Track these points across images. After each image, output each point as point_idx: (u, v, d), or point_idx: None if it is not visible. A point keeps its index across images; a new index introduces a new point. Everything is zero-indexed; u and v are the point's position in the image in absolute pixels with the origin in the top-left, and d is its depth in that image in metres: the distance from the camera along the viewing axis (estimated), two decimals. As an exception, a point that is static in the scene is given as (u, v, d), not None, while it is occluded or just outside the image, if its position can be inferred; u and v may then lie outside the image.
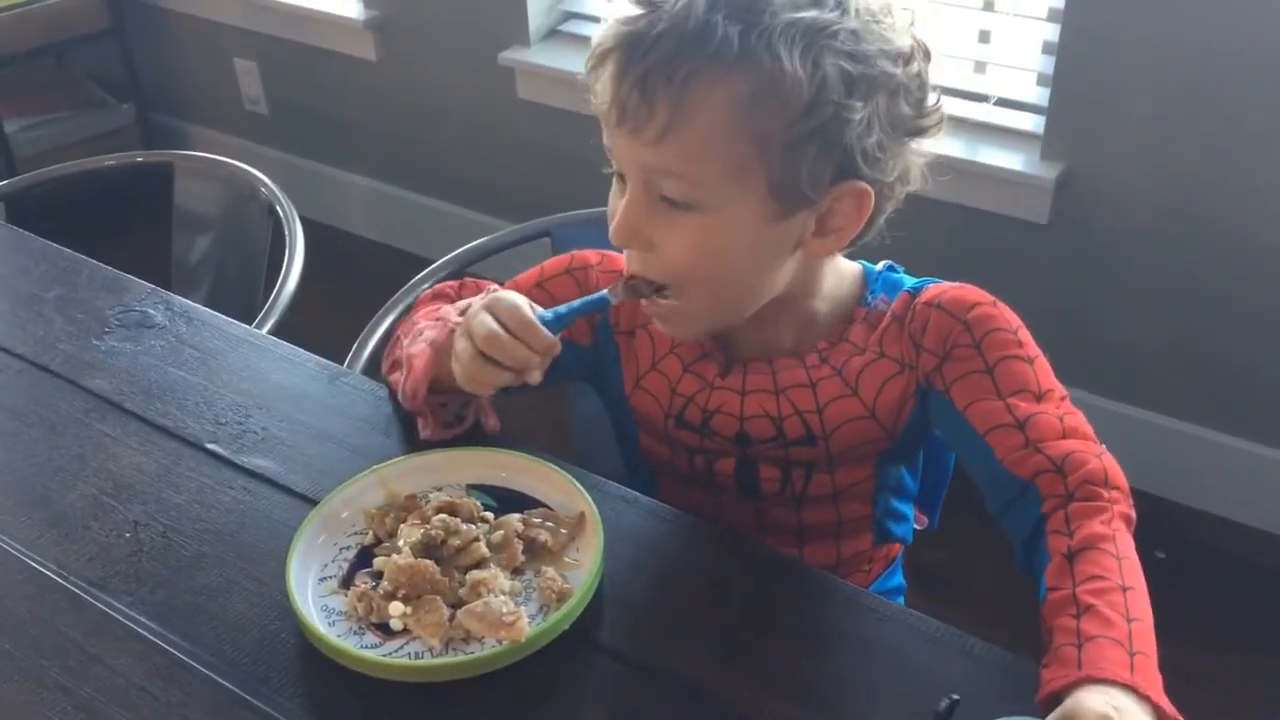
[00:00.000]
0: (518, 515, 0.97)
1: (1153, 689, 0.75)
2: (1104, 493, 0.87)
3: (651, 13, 0.89)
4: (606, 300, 1.01)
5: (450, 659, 0.86)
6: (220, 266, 1.70)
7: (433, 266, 1.45)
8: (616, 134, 0.93)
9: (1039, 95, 2.06)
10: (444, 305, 1.12)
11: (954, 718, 0.80)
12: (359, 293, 1.68)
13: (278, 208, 1.58)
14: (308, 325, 1.48)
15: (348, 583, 0.93)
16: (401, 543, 0.94)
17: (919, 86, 0.95)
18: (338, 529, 0.98)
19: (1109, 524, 0.85)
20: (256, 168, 1.67)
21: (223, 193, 1.69)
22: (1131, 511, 0.88)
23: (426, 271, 1.44)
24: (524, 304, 0.98)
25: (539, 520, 0.97)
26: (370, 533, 0.98)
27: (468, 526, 0.95)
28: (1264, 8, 1.76)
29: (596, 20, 2.49)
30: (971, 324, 0.98)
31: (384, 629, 0.89)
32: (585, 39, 2.50)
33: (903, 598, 1.20)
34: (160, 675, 0.88)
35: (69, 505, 1.04)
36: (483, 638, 0.87)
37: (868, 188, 0.93)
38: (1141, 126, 1.95)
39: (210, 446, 1.10)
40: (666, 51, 0.87)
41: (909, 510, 1.16)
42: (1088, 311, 2.13)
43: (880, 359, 1.01)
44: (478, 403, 1.08)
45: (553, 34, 2.57)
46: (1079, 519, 0.86)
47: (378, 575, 0.93)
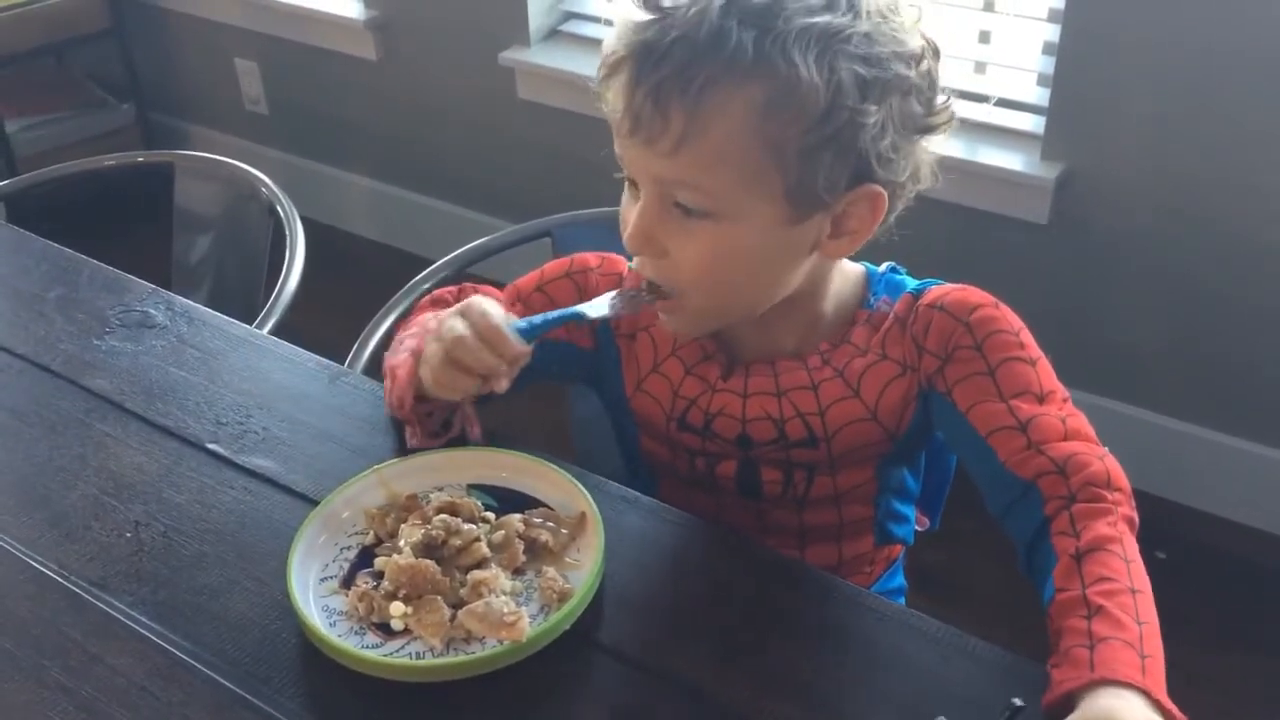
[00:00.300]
0: (519, 515, 0.97)
1: (1162, 694, 0.75)
2: (1107, 495, 0.87)
3: (663, 19, 0.88)
4: (582, 314, 1.01)
5: (451, 659, 0.86)
6: (221, 266, 1.70)
7: (433, 267, 1.45)
8: (629, 144, 0.91)
9: (1039, 95, 2.06)
10: (425, 315, 1.12)
11: None
12: (359, 293, 1.69)
13: (278, 208, 1.59)
14: (308, 325, 1.48)
15: (349, 583, 0.93)
16: (402, 543, 0.94)
17: (929, 85, 0.95)
18: (339, 529, 0.98)
19: (1114, 526, 0.85)
20: (257, 168, 1.67)
21: (223, 193, 1.69)
22: (1134, 514, 0.88)
23: (427, 272, 1.44)
24: (495, 310, 0.98)
25: (540, 520, 0.97)
26: (371, 533, 0.98)
27: (469, 526, 0.95)
28: (1264, 8, 1.77)
29: (597, 20, 2.50)
30: (973, 326, 0.97)
31: (385, 629, 0.89)
32: (585, 39, 2.51)
33: (904, 599, 1.20)
34: (161, 675, 0.88)
35: (70, 505, 1.04)
36: (484, 638, 0.87)
37: (882, 190, 0.93)
38: (1141, 126, 1.95)
39: (211, 446, 1.10)
40: (680, 60, 0.86)
41: (910, 512, 1.16)
42: (1088, 312, 2.13)
43: (882, 361, 1.01)
44: (462, 411, 1.07)
45: (553, 34, 2.57)
46: (1084, 520, 0.86)
47: (379, 575, 0.93)
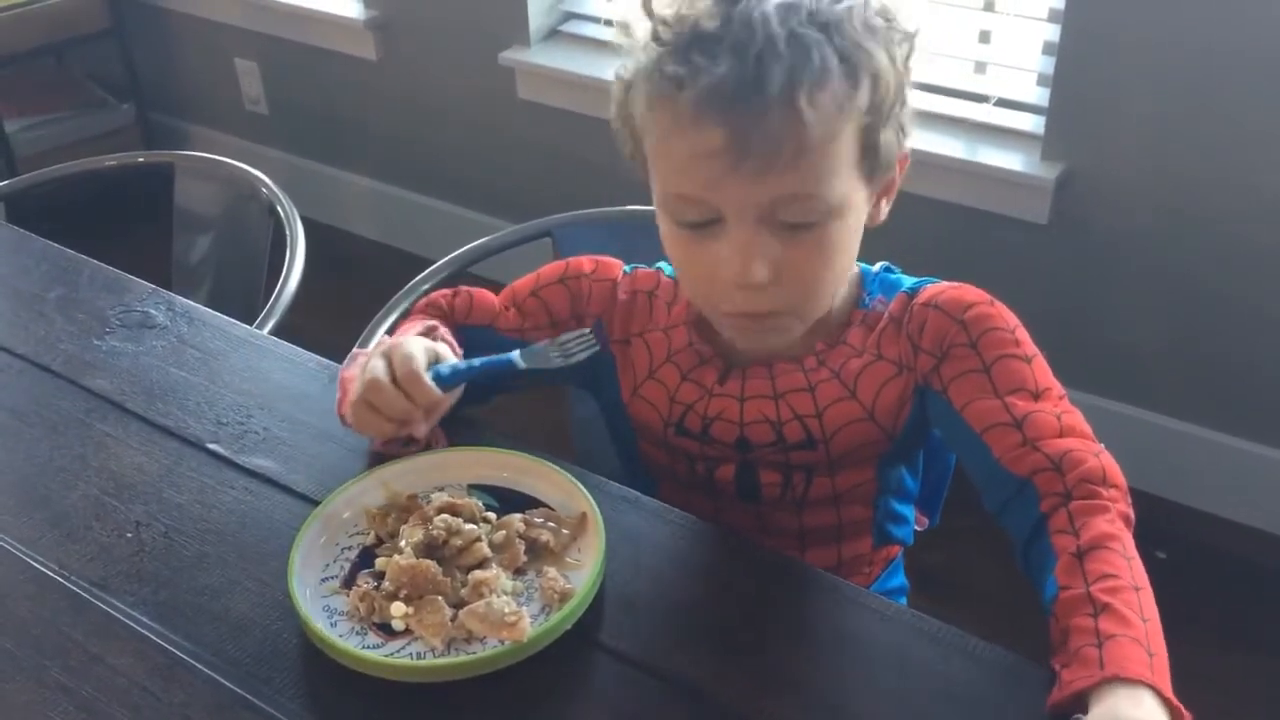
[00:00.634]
0: (519, 515, 0.97)
1: (1170, 691, 0.75)
2: (1103, 491, 0.87)
3: (715, 45, 0.86)
4: (514, 363, 1.02)
5: (452, 659, 0.86)
6: (221, 267, 1.70)
7: (433, 267, 1.45)
8: (728, 179, 0.88)
9: (1039, 95, 2.06)
10: (419, 321, 1.12)
11: None
12: (360, 293, 1.69)
13: (278, 208, 1.59)
14: (308, 325, 1.48)
15: (349, 583, 0.93)
16: (403, 543, 0.94)
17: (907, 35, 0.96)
18: (339, 529, 0.98)
19: (1113, 523, 0.85)
20: (257, 168, 1.67)
21: (223, 193, 1.69)
22: (1130, 511, 0.88)
23: (427, 272, 1.44)
24: (419, 355, 0.98)
25: (541, 520, 0.97)
26: (372, 533, 0.98)
27: (469, 527, 0.95)
28: (1264, 8, 1.77)
29: (596, 20, 2.50)
30: (968, 323, 0.98)
31: (386, 629, 0.89)
32: (585, 39, 2.51)
33: (905, 598, 1.20)
34: (162, 675, 0.88)
35: (70, 505, 1.04)
36: (484, 638, 0.87)
37: (908, 149, 0.97)
38: (1141, 126, 1.95)
39: (211, 446, 1.10)
40: (779, 80, 0.85)
41: (909, 512, 1.16)
42: (1088, 311, 2.13)
43: (878, 361, 1.01)
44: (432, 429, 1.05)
45: (553, 34, 2.57)
46: (1083, 517, 0.86)
47: (379, 575, 0.93)
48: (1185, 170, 1.94)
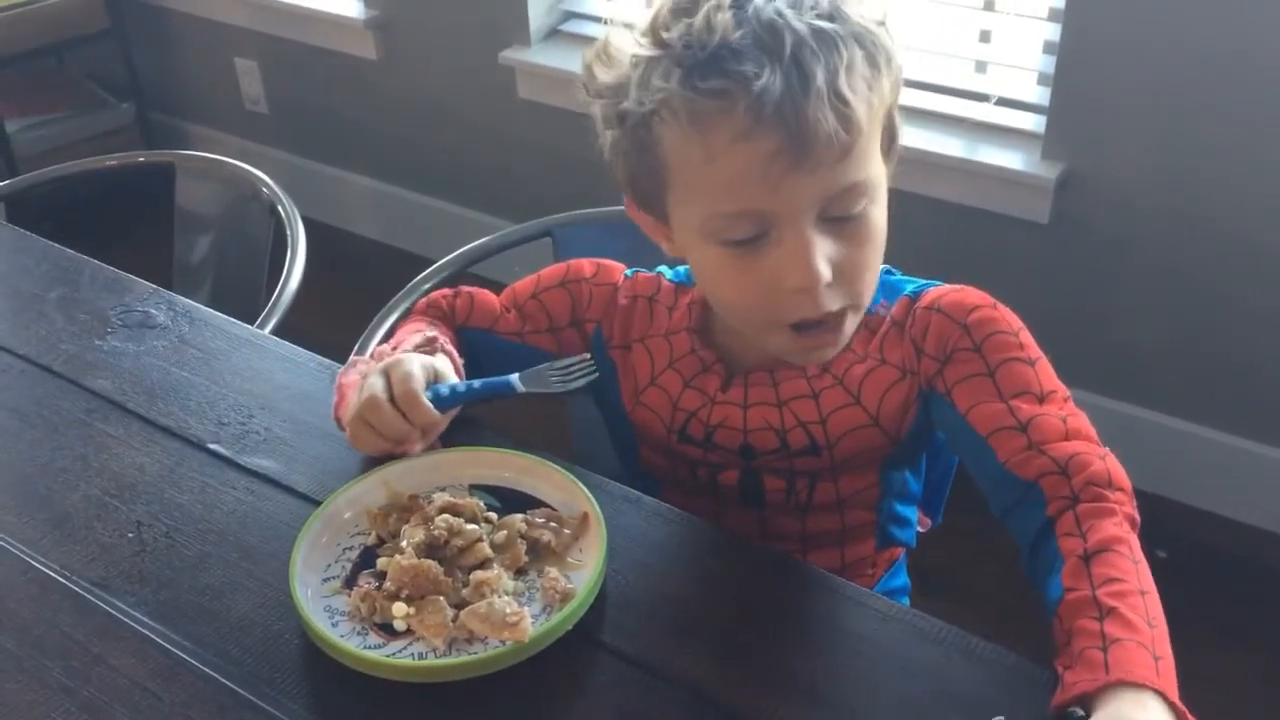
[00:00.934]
0: (521, 515, 0.97)
1: (1175, 696, 0.74)
2: (1109, 495, 0.87)
3: (748, 55, 0.86)
4: (513, 387, 1.02)
5: (453, 659, 0.86)
6: (222, 266, 1.70)
7: (434, 267, 1.45)
8: (787, 180, 0.87)
9: (1039, 95, 2.06)
10: (420, 322, 1.12)
11: None
12: (360, 292, 1.69)
13: (279, 207, 1.59)
14: (309, 325, 1.48)
15: (351, 583, 0.93)
16: (404, 543, 0.94)
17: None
18: (341, 529, 0.98)
19: (1120, 527, 0.85)
20: (257, 167, 1.67)
21: (224, 193, 1.69)
22: (1136, 514, 0.88)
23: (428, 271, 1.44)
24: (418, 374, 0.99)
25: (542, 520, 0.97)
26: (373, 533, 0.98)
27: (471, 527, 0.95)
28: (1264, 9, 1.77)
29: (597, 20, 2.50)
30: (972, 327, 0.97)
31: (387, 629, 0.89)
32: (586, 39, 2.51)
33: (907, 598, 1.20)
34: (163, 675, 0.88)
35: (71, 505, 1.04)
36: (486, 638, 0.87)
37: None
38: (1142, 126, 1.95)
39: (213, 447, 1.10)
40: (824, 73, 0.86)
41: (912, 515, 1.16)
42: (1088, 311, 2.13)
43: (881, 366, 1.01)
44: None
45: (553, 34, 2.57)
46: (1090, 520, 0.86)
47: (381, 575, 0.93)
48: (1185, 170, 1.94)
